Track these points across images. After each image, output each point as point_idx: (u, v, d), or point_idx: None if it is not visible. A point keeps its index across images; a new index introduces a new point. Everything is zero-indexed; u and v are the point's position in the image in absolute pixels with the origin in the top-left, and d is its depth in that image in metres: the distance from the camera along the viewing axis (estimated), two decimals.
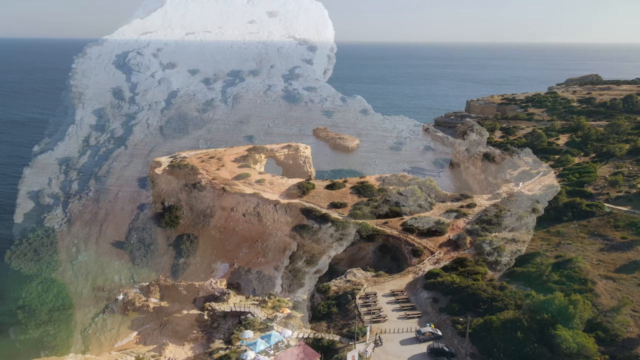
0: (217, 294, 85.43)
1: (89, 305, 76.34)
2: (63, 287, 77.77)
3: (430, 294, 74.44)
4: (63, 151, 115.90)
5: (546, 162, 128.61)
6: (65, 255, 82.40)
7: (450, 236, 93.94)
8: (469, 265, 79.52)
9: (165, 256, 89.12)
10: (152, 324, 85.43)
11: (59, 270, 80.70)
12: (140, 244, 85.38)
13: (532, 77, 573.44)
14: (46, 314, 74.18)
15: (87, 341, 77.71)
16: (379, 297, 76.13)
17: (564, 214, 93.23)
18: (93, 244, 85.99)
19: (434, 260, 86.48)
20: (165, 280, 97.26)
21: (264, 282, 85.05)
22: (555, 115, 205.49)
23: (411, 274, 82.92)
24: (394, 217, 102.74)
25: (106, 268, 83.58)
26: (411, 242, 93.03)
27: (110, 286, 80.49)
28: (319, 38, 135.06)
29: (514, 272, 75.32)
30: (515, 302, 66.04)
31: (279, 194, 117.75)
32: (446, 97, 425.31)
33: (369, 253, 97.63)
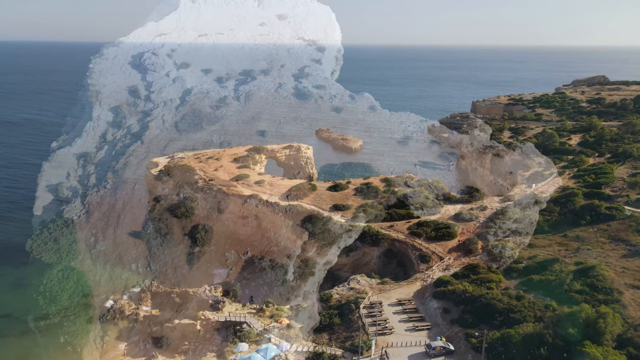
0: (211, 302, 79.86)
1: (108, 292, 78.70)
2: (82, 275, 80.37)
3: (441, 304, 68.74)
4: (81, 147, 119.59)
5: (559, 162, 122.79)
6: (84, 244, 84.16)
7: (460, 240, 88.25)
8: (481, 272, 73.76)
9: (181, 245, 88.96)
10: (142, 334, 79.94)
11: (78, 259, 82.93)
12: (157, 234, 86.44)
13: (536, 79, 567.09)
14: (67, 299, 76.83)
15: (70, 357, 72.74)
16: (385, 306, 70.54)
17: (581, 217, 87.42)
18: (111, 234, 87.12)
19: (444, 266, 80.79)
20: (158, 286, 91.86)
21: (277, 270, 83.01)
22: (564, 116, 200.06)
23: (419, 281, 77.27)
24: (400, 220, 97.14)
25: (124, 257, 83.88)
26: (418, 247, 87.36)
27: (127, 274, 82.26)
28: (327, 40, 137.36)
29: (531, 280, 69.49)
30: (535, 313, 60.31)
31: (279, 196, 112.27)
32: (450, 98, 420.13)
33: (374, 258, 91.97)
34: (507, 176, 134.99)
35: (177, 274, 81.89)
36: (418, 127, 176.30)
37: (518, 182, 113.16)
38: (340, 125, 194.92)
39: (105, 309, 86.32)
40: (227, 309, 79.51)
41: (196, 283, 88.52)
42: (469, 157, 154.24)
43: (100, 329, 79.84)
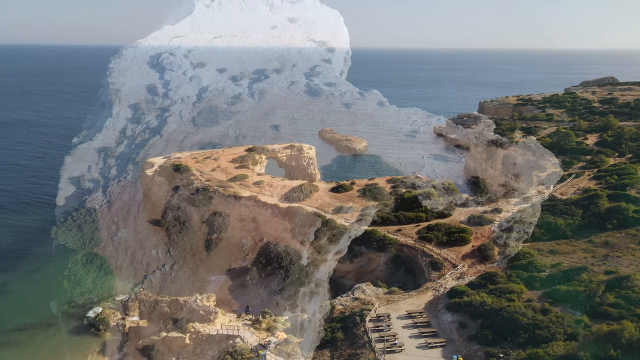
0: (202, 313, 72.94)
1: (129, 277, 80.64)
2: (105, 260, 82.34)
3: (456, 317, 61.54)
4: (101, 141, 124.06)
5: (577, 163, 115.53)
6: (106, 232, 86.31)
7: (474, 246, 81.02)
8: (500, 282, 66.54)
9: (199, 232, 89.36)
10: (127, 348, 73.03)
11: (101, 245, 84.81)
12: (176, 222, 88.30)
13: (542, 81, 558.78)
14: (90, 282, 79.38)
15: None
16: (393, 319, 63.42)
17: (607, 221, 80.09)
18: (132, 222, 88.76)
19: (457, 274, 73.62)
20: (147, 294, 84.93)
21: (292, 255, 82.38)
22: (576, 116, 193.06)
23: (430, 291, 70.11)
24: (409, 223, 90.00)
25: (144, 243, 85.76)
26: (429, 253, 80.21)
27: (148, 260, 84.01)
28: (336, 42, 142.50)
29: (556, 291, 62.21)
30: (565, 330, 53.08)
31: (279, 197, 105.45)
32: (455, 99, 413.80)
33: (380, 265, 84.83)
34: (521, 177, 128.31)
35: (195, 259, 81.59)
36: (425, 121, 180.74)
37: (534, 183, 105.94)
38: (350, 119, 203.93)
39: (88, 319, 79.57)
40: (220, 320, 72.71)
41: (215, 269, 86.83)
42: (481, 165, 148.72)
43: (78, 342, 73.12)
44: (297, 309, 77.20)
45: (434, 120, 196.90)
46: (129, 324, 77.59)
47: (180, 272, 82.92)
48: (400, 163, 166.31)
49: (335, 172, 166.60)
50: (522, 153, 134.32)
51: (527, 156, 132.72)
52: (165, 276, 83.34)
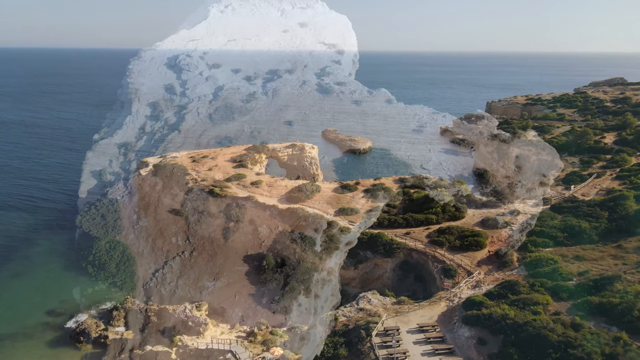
0: (191, 324, 66.19)
1: (150, 262, 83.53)
2: (126, 247, 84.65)
3: (474, 332, 54.61)
4: (121, 137, 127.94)
5: (596, 162, 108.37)
6: (128, 221, 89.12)
7: (490, 251, 74.07)
8: (522, 292, 59.52)
9: (217, 220, 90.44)
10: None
11: (123, 233, 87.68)
12: (194, 211, 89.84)
13: (549, 82, 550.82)
14: (114, 267, 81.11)
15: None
16: (403, 333, 56.58)
17: (637, 224, 72.96)
18: (152, 212, 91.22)
19: (473, 282, 66.67)
20: (134, 302, 78.31)
21: (306, 241, 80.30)
22: (588, 115, 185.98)
23: (444, 302, 63.18)
24: (418, 226, 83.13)
25: (164, 231, 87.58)
26: (441, 259, 73.27)
27: (168, 247, 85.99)
28: (345, 45, 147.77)
29: (587, 302, 55.18)
30: (602, 349, 46.15)
31: (278, 198, 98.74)
32: (461, 101, 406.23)
33: (387, 272, 77.91)
34: (535, 178, 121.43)
35: (213, 246, 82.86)
36: (431, 117, 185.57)
37: (552, 183, 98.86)
38: (359, 116, 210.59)
39: (68, 330, 72.96)
40: (211, 332, 65.97)
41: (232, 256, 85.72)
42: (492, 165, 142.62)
43: (54, 355, 66.47)
44: (310, 293, 73.57)
45: (439, 117, 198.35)
46: (112, 335, 70.93)
47: (199, 258, 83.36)
48: (408, 156, 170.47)
49: (339, 172, 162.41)
50: (535, 152, 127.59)
51: (542, 155, 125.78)
52: (184, 262, 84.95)
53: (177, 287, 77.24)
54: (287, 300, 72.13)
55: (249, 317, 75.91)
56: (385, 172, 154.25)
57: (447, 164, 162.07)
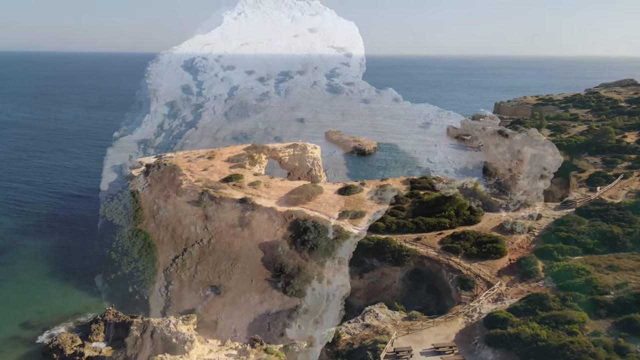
0: (175, 342, 58.71)
1: (170, 249, 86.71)
2: (147, 235, 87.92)
3: (499, 355, 46.93)
4: (141, 134, 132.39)
5: (620, 162, 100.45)
6: (148, 211, 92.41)
7: (511, 260, 66.30)
8: (553, 307, 51.79)
9: (234, 210, 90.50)
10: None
11: (144, 223, 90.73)
12: (212, 201, 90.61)
13: (556, 85, 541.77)
14: (136, 253, 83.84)
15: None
16: (416, 355, 48.98)
17: None
18: (171, 203, 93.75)
19: (494, 295, 58.92)
20: (116, 315, 70.99)
21: (319, 228, 77.19)
22: (603, 115, 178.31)
23: (462, 317, 55.45)
24: (430, 231, 75.42)
25: (183, 220, 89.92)
26: (456, 268, 65.48)
27: (187, 234, 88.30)
28: (353, 49, 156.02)
29: (632, 321, 47.43)
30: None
31: (277, 200, 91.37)
32: (467, 102, 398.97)
33: (396, 282, 70.20)
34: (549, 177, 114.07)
35: (230, 233, 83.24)
36: (436, 115, 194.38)
37: (575, 185, 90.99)
38: (368, 113, 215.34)
39: (40, 346, 65.67)
40: (197, 351, 58.44)
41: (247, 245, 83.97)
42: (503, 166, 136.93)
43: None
44: (323, 279, 70.74)
45: (444, 115, 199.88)
46: (89, 352, 63.58)
47: (217, 245, 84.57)
48: (415, 150, 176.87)
49: (343, 173, 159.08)
50: (552, 152, 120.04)
51: (558, 155, 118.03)
52: (203, 248, 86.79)
53: (196, 272, 78.96)
54: (301, 284, 70.53)
55: (241, 330, 68.53)
56: (393, 165, 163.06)
57: (453, 157, 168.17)
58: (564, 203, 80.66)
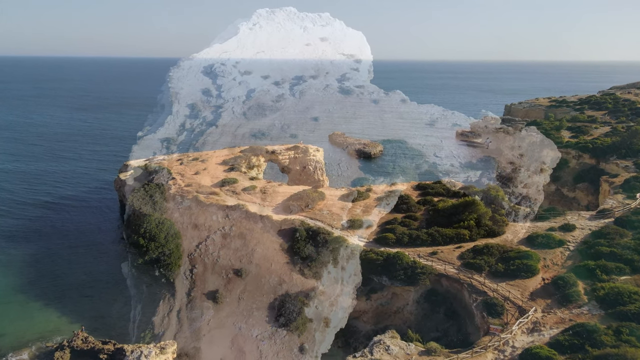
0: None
1: (193, 237, 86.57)
2: (172, 223, 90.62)
3: None
4: (163, 133, 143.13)
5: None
6: (172, 202, 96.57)
7: (545, 279, 56.49)
8: (606, 343, 42.03)
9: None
10: None
11: (168, 212, 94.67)
12: (232, 192, 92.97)
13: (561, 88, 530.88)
14: (163, 239, 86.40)
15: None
16: None
17: None
18: (193, 193, 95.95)
19: (529, 324, 49.11)
20: (85, 340, 61.45)
21: (334, 217, 75.41)
22: (622, 117, 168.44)
23: (491, 353, 45.68)
24: (446, 244, 65.73)
25: (205, 211, 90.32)
26: (480, 288, 55.65)
27: (209, 223, 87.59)
28: (362, 56, 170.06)
29: None
30: None
31: (273, 207, 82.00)
32: (475, 105, 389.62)
33: (409, 304, 60.38)
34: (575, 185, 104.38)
35: (249, 220, 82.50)
36: (442, 114, 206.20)
37: (609, 192, 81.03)
38: (378, 112, 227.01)
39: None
40: None
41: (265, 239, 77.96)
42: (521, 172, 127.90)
43: None
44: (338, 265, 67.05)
45: (449, 114, 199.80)
46: None
47: (237, 232, 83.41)
48: (422, 145, 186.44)
49: (347, 177, 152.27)
50: (575, 155, 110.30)
51: (584, 159, 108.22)
52: (225, 235, 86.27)
53: (219, 257, 78.48)
54: (318, 267, 66.71)
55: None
56: (401, 159, 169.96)
57: (458, 152, 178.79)
58: (600, 212, 70.76)
